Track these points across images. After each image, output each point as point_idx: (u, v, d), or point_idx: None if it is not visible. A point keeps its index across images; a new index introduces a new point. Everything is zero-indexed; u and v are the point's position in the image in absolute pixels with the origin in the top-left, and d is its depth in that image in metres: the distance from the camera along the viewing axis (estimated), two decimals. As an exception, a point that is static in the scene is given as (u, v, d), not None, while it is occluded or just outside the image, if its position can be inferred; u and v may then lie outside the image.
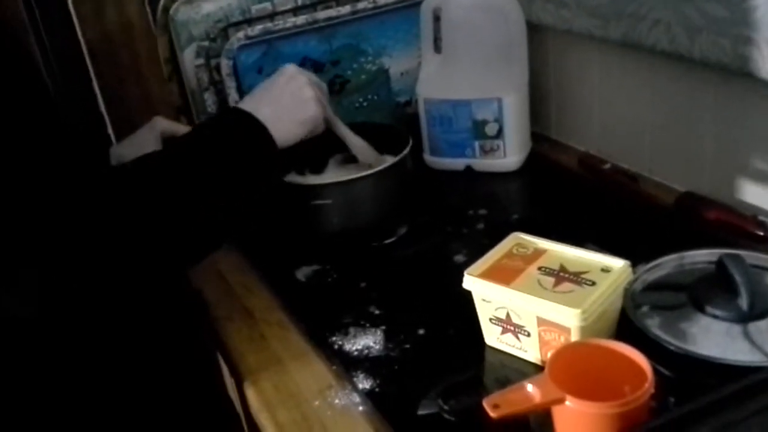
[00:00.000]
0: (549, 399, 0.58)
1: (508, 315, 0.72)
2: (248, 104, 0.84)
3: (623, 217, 0.99)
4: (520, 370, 0.73)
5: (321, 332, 0.84)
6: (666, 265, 0.79)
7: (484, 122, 1.11)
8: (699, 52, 0.87)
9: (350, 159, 1.04)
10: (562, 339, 0.68)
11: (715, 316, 0.70)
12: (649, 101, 1.04)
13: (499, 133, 1.11)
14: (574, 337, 0.67)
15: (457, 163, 1.16)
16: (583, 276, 0.71)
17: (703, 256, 0.79)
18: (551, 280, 0.71)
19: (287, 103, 0.85)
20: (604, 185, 1.08)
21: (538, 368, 0.72)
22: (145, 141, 0.90)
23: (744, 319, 0.68)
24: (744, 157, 0.92)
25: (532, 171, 1.15)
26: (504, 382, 0.70)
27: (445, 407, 0.68)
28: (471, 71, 1.13)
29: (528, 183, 1.14)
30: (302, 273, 0.96)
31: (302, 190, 0.95)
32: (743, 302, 0.69)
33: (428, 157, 1.18)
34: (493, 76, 1.11)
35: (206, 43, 1.18)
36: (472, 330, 0.78)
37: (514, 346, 0.74)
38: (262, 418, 0.75)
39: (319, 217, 0.95)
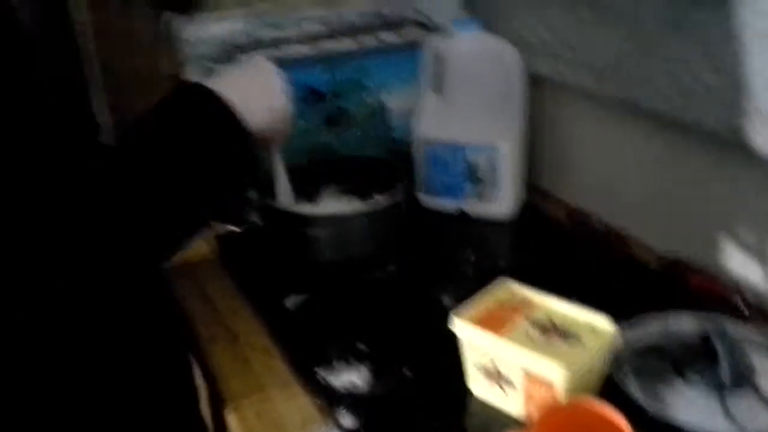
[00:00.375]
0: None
1: (494, 363, 0.73)
2: (214, 83, 0.76)
3: (608, 274, 1.01)
4: (502, 422, 0.74)
5: (306, 363, 0.84)
6: (650, 326, 0.81)
7: (478, 167, 1.13)
8: (693, 118, 0.90)
9: (346, 190, 1.06)
10: (547, 394, 0.70)
11: (695, 385, 0.72)
12: (641, 161, 1.06)
13: (493, 179, 1.14)
14: (559, 392, 0.69)
15: (451, 205, 1.18)
16: (571, 332, 0.73)
17: (688, 322, 0.81)
18: (540, 333, 0.73)
19: (256, 88, 0.79)
20: (591, 241, 1.11)
21: (519, 423, 0.73)
22: None
23: (723, 389, 0.70)
24: (732, 227, 0.95)
25: (524, 220, 1.17)
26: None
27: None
28: (469, 115, 1.16)
29: (518, 232, 1.16)
30: (291, 302, 0.97)
31: (296, 219, 0.96)
32: (724, 373, 0.71)
33: (422, 196, 1.20)
34: (490, 123, 1.14)
35: (211, 64, 1.19)
36: (457, 375, 0.79)
37: (499, 397, 0.75)
38: (244, 446, 0.76)
39: (311, 246, 0.96)
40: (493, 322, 0.74)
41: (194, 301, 0.99)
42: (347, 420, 0.75)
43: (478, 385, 0.77)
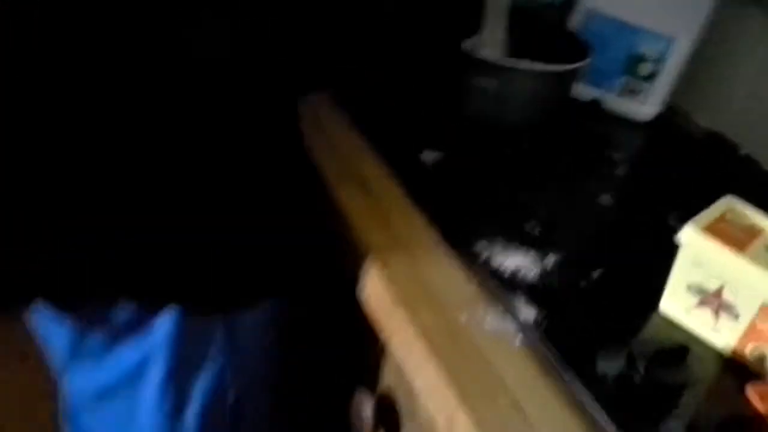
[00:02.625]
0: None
1: (720, 287, 0.62)
2: None
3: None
4: (697, 353, 0.63)
5: (459, 232, 0.71)
6: None
7: (642, 59, 0.98)
8: None
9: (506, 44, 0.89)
10: (784, 335, 0.59)
11: None
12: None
13: (651, 77, 0.99)
14: (805, 339, 0.58)
15: (588, 93, 1.02)
16: (819, 273, 0.61)
17: None
18: (786, 266, 0.61)
19: None
20: (737, 170, 0.98)
21: (720, 354, 0.63)
22: None
23: None
24: None
25: (660, 129, 1.04)
26: (670, 357, 0.60)
27: (642, 373, 0.57)
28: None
29: (655, 140, 1.02)
30: (428, 157, 0.81)
31: (468, 63, 0.78)
32: None
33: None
34: (670, 10, 0.97)
35: None
36: (641, 288, 0.67)
37: (703, 324, 0.64)
38: (400, 312, 0.62)
39: (474, 97, 0.79)
40: (730, 242, 0.62)
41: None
42: (526, 311, 0.63)
43: (677, 306, 0.65)
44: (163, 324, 0.61)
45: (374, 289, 0.66)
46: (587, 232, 0.77)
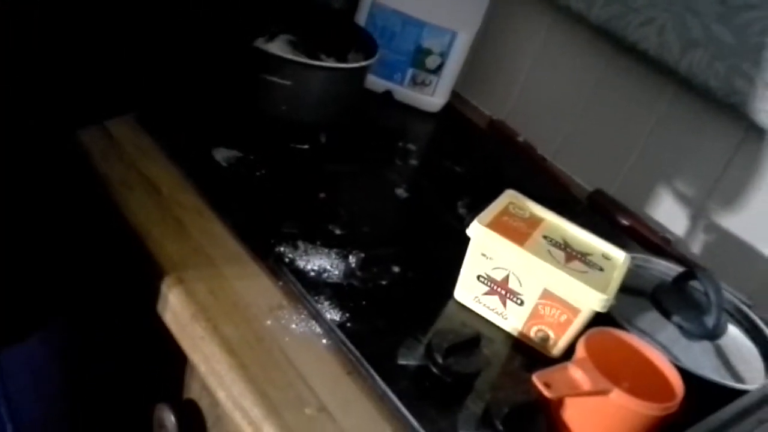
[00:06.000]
0: (597, 389, 0.54)
1: (506, 277, 0.66)
2: None
3: (536, 196, 0.97)
4: (489, 339, 0.67)
5: (259, 237, 0.69)
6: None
7: (429, 52, 1.02)
8: (687, 66, 0.88)
9: (297, 42, 0.88)
10: (563, 318, 0.64)
11: (681, 328, 0.71)
12: (588, 89, 1.03)
13: (438, 69, 1.03)
14: (580, 320, 0.64)
15: (379, 85, 1.05)
16: (589, 258, 0.68)
17: (658, 264, 0.80)
18: (561, 254, 0.66)
19: None
20: (516, 156, 1.06)
21: (508, 337, 0.67)
22: None
23: (711, 338, 0.71)
24: (664, 172, 0.97)
25: (448, 119, 1.09)
26: (464, 346, 0.64)
27: (439, 364, 0.60)
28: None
29: (444, 130, 1.07)
30: (221, 155, 0.79)
31: (261, 60, 0.77)
32: (710, 320, 0.71)
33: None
34: (451, 6, 1.01)
35: None
36: (437, 278, 0.71)
37: (493, 310, 0.68)
38: (198, 327, 0.60)
39: (269, 94, 0.78)
40: (512, 235, 0.66)
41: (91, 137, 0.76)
42: (331, 312, 0.63)
43: (469, 295, 0.69)
44: None
45: (172, 305, 0.63)
46: (386, 227, 0.79)
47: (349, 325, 0.62)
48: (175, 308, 0.62)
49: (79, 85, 0.57)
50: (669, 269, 0.80)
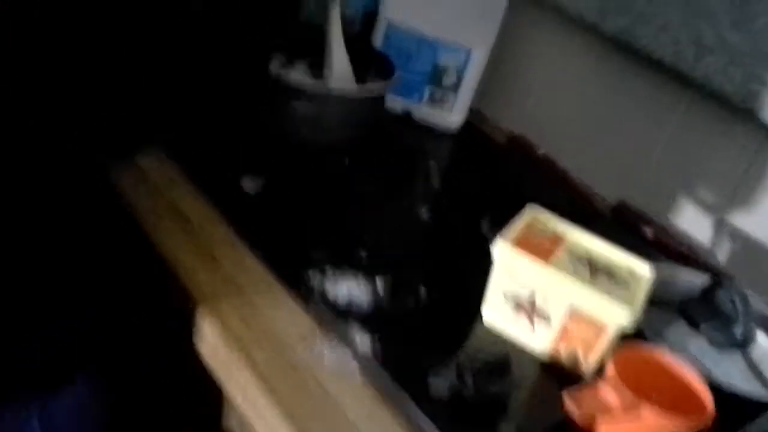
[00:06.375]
0: (627, 406, 0.55)
1: (532, 295, 0.67)
2: None
3: (560, 211, 0.98)
4: (519, 359, 0.68)
5: (288, 265, 0.71)
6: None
7: (445, 69, 1.03)
8: (702, 73, 0.88)
9: (316, 67, 0.90)
10: (591, 335, 0.65)
11: (710, 339, 0.72)
12: (605, 100, 1.04)
13: (455, 87, 1.04)
14: (607, 336, 0.64)
15: (398, 104, 1.06)
16: (614, 273, 0.68)
17: (681, 274, 0.81)
18: (586, 270, 0.67)
19: None
20: (537, 170, 1.06)
21: (538, 356, 0.68)
22: None
23: (742, 348, 0.71)
24: (686, 181, 0.97)
25: (467, 136, 1.10)
26: (495, 368, 0.65)
27: (470, 386, 0.60)
28: (444, 8, 1.03)
29: (464, 147, 1.08)
30: (248, 184, 0.80)
31: (284, 87, 0.78)
32: (740, 331, 0.71)
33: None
34: (466, 23, 1.03)
35: None
36: (465, 299, 0.71)
37: (521, 329, 0.69)
38: (234, 356, 0.61)
39: (292, 121, 0.79)
40: (537, 252, 0.67)
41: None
42: (361, 339, 0.64)
43: (496, 314, 0.70)
44: None
45: (206, 337, 0.64)
46: (411, 248, 0.80)
47: (380, 351, 0.63)
48: (210, 339, 0.63)
49: (111, 121, 0.59)
50: (696, 278, 0.80)
